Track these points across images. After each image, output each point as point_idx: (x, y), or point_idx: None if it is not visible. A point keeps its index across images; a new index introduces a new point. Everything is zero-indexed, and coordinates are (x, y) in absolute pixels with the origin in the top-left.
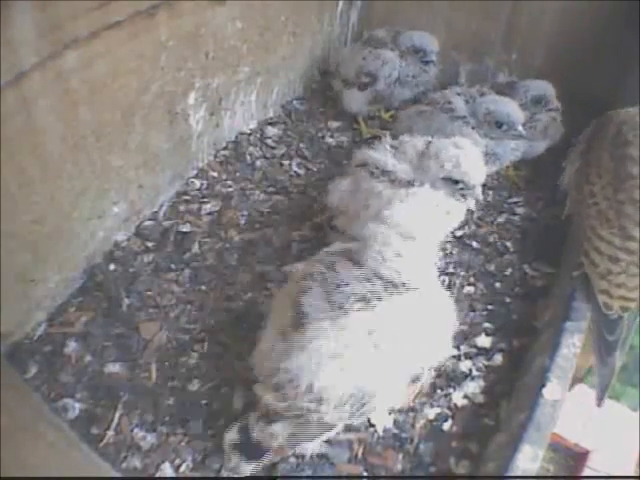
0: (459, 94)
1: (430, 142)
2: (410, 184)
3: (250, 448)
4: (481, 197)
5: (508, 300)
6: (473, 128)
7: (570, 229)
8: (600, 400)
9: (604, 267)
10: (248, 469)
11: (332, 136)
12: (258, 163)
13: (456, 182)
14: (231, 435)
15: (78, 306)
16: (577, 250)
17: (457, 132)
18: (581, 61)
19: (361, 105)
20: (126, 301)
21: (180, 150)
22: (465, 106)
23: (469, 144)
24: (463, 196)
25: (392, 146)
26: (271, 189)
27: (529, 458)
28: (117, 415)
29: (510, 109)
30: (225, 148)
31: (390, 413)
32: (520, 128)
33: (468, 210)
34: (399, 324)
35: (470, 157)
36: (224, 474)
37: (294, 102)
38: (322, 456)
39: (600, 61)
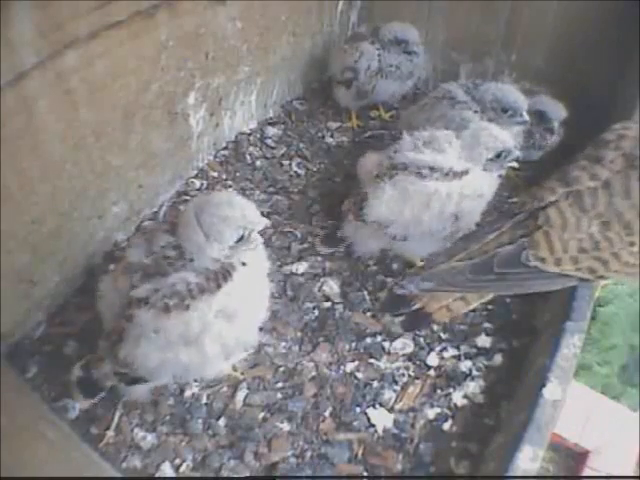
0: (458, 87)
1: (458, 134)
2: (465, 173)
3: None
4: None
5: (508, 300)
6: (475, 112)
7: None
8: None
9: None
10: (85, 405)
11: (332, 136)
12: (258, 163)
13: (500, 154)
14: (75, 372)
15: (78, 306)
16: None
17: (458, 117)
18: (581, 61)
19: (349, 101)
20: None
21: (180, 150)
22: (465, 94)
23: (484, 122)
24: (508, 162)
25: (425, 142)
26: (271, 189)
27: (529, 458)
28: (117, 415)
29: (515, 96)
30: (225, 148)
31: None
32: (525, 114)
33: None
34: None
35: (497, 128)
36: (224, 474)
37: (294, 102)
38: (322, 456)
39: (600, 61)
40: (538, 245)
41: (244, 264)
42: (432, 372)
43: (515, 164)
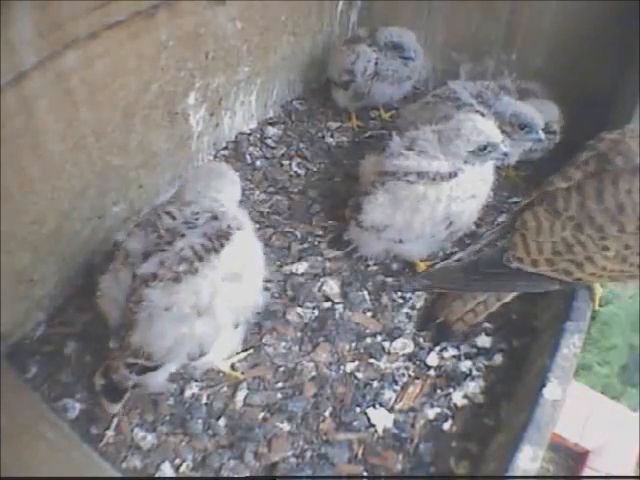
0: (463, 87)
1: (440, 130)
2: (454, 175)
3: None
4: (508, 149)
5: (508, 300)
6: (483, 115)
7: None
8: None
9: None
10: (114, 409)
11: (332, 136)
12: (258, 163)
13: (484, 148)
14: (97, 381)
15: (78, 306)
16: None
17: None
18: (581, 61)
19: (347, 102)
20: None
21: (180, 150)
22: (471, 97)
23: (472, 113)
24: (492, 157)
25: (407, 148)
26: (271, 189)
27: (529, 458)
28: (117, 415)
29: (534, 114)
30: (225, 148)
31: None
32: (540, 132)
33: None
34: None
35: (483, 121)
36: (224, 474)
37: (294, 102)
38: (322, 456)
39: (599, 61)
40: (516, 247)
41: (239, 229)
42: (432, 372)
43: (508, 162)
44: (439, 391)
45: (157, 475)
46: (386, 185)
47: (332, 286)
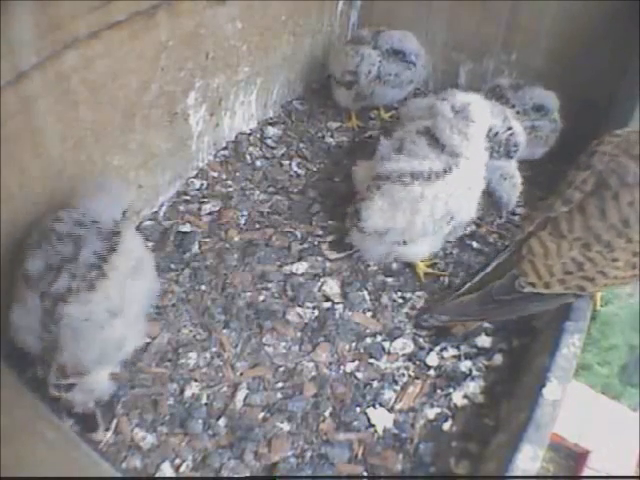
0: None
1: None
2: (447, 171)
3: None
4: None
5: None
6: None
7: None
8: None
9: None
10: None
11: (332, 136)
12: (258, 163)
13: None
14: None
15: None
16: None
17: None
18: (580, 61)
19: (349, 102)
20: None
21: (180, 150)
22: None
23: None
24: None
25: (396, 150)
26: (271, 189)
27: (529, 458)
28: (117, 415)
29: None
30: (225, 148)
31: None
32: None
33: None
34: None
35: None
36: (224, 474)
37: (294, 102)
38: (322, 456)
39: (599, 61)
40: (526, 273)
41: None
42: (432, 372)
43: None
44: (439, 391)
45: (157, 475)
46: (382, 189)
47: (332, 286)
